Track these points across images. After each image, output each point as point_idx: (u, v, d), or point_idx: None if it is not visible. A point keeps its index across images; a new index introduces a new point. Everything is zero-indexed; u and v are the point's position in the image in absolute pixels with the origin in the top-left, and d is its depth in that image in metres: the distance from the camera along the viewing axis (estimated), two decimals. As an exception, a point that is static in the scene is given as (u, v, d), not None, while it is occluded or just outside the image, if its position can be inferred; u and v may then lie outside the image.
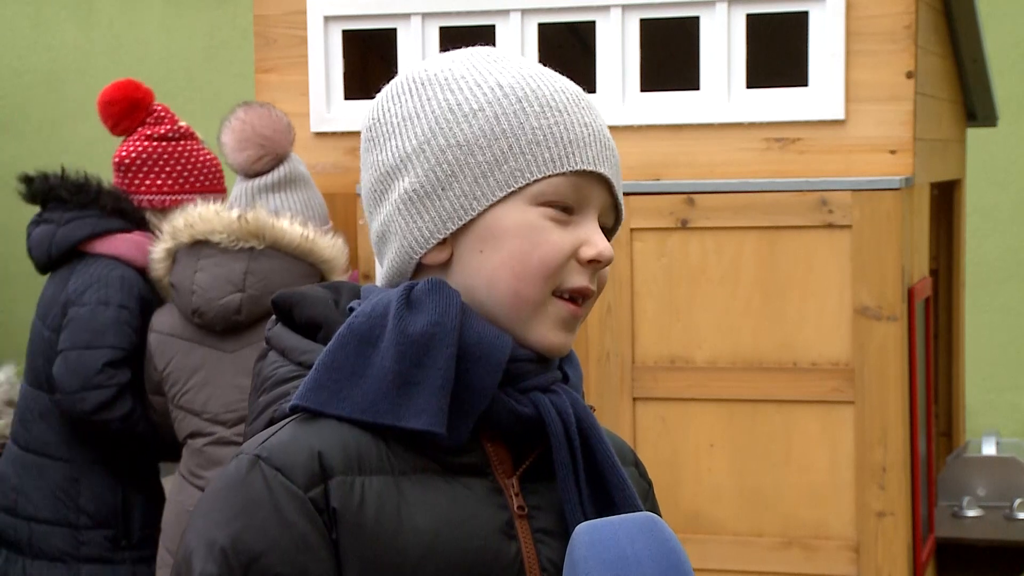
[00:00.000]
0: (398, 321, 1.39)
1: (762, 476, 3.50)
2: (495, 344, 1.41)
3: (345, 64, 3.79)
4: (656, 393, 3.55)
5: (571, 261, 1.44)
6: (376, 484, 1.38)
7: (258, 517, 1.34)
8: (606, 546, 1.34)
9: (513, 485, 1.44)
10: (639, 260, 3.56)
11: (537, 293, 1.43)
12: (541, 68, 1.50)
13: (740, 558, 3.52)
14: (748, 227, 3.49)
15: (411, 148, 1.45)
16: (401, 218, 1.46)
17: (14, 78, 8.01)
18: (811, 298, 3.46)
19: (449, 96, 1.45)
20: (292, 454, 1.37)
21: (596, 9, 3.64)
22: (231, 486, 1.37)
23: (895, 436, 3.42)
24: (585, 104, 1.48)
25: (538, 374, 1.44)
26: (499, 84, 1.45)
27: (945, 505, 4.25)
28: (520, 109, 1.44)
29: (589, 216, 1.45)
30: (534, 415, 1.43)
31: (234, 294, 3.52)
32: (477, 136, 1.43)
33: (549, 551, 1.43)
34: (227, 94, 7.83)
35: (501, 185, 1.43)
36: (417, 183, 1.45)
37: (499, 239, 1.43)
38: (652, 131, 3.60)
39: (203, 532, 1.36)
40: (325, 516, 1.35)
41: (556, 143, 1.43)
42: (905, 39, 3.45)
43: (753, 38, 3.59)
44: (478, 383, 1.40)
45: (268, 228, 3.52)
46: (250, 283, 3.52)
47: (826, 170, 3.49)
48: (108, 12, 7.92)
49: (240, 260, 3.53)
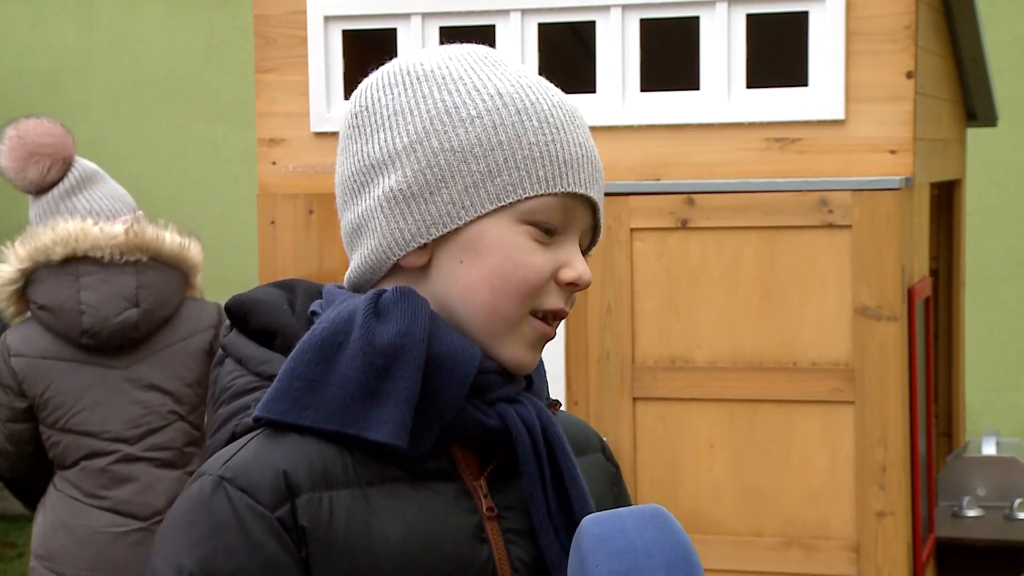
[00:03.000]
0: (365, 331, 1.36)
1: (762, 476, 3.51)
2: (463, 356, 1.38)
3: (345, 64, 3.80)
4: (656, 393, 3.55)
5: (550, 282, 1.42)
6: (344, 498, 1.35)
7: (225, 540, 1.31)
8: (614, 538, 1.33)
9: (482, 487, 1.43)
10: (639, 260, 3.56)
11: (514, 312, 1.41)
12: (539, 79, 1.46)
13: (740, 558, 3.52)
14: (748, 227, 3.49)
15: (401, 145, 1.41)
16: (383, 216, 1.42)
17: (14, 78, 8.01)
18: (811, 298, 3.46)
19: (446, 97, 1.41)
20: (257, 474, 1.33)
21: (596, 9, 3.63)
22: (196, 509, 1.34)
23: (895, 436, 3.42)
24: (580, 123, 1.45)
25: (503, 385, 1.43)
26: (499, 92, 1.41)
27: (945, 505, 4.25)
28: (519, 121, 1.40)
29: (571, 238, 1.43)
30: (500, 427, 1.41)
31: (130, 310, 3.48)
32: (473, 144, 1.40)
33: (519, 551, 1.42)
34: (227, 94, 7.84)
35: (492, 198, 1.40)
36: (405, 183, 1.41)
37: (481, 253, 1.40)
38: (652, 131, 3.60)
39: (170, 557, 1.33)
40: (294, 535, 1.33)
41: (552, 162, 1.40)
42: (905, 39, 3.45)
43: (753, 38, 3.59)
44: (445, 394, 1.38)
45: (153, 240, 3.50)
46: (143, 297, 3.50)
47: (826, 170, 3.49)
48: (108, 12, 7.92)
49: (128, 275, 3.49)
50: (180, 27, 7.84)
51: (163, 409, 3.55)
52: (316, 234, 3.79)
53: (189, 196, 8.08)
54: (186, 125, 7.95)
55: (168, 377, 3.56)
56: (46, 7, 7.99)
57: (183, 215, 8.08)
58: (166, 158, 8.04)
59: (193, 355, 3.59)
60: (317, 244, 3.79)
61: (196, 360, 3.59)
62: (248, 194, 4.54)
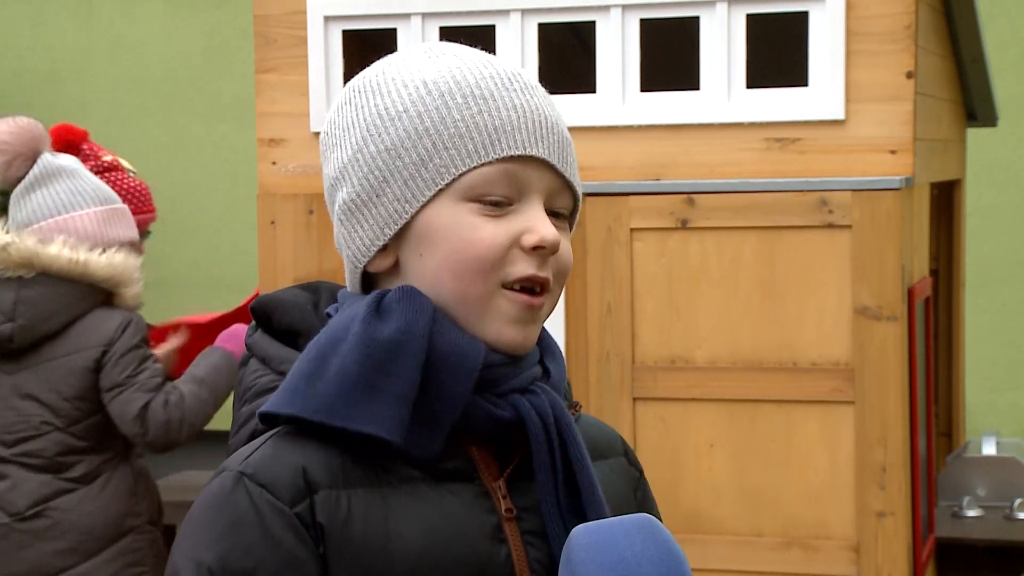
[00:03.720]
0: (366, 326, 1.36)
1: (762, 476, 3.50)
2: (467, 352, 1.38)
3: (345, 64, 3.79)
4: (656, 393, 3.55)
5: (513, 251, 1.40)
6: (362, 497, 1.36)
7: (245, 536, 1.32)
8: (604, 548, 1.33)
9: (500, 488, 1.42)
10: (639, 260, 3.56)
11: (479, 290, 1.40)
12: (476, 57, 1.45)
13: (740, 558, 3.52)
14: (748, 227, 3.49)
15: (347, 158, 1.43)
16: (344, 229, 1.45)
17: (14, 78, 8.01)
18: (811, 298, 3.46)
19: (378, 101, 1.43)
20: (276, 470, 1.35)
21: (596, 9, 3.63)
22: (216, 505, 1.35)
23: (895, 436, 3.42)
24: (519, 86, 1.43)
25: (515, 375, 1.42)
26: (424, 82, 1.42)
27: (945, 505, 4.25)
28: (443, 104, 1.40)
29: (531, 202, 1.41)
30: (514, 417, 1.41)
31: (4, 324, 3.52)
32: (403, 138, 1.40)
33: (537, 552, 1.42)
34: (227, 94, 7.83)
35: (428, 184, 1.40)
36: (353, 193, 1.43)
37: (434, 241, 1.40)
38: (652, 131, 3.60)
39: (190, 553, 1.34)
40: (312, 531, 1.34)
41: (479, 132, 1.39)
42: (905, 39, 3.45)
43: (753, 38, 3.58)
44: (449, 392, 1.38)
45: (35, 257, 3.52)
46: (20, 312, 3.53)
47: (826, 170, 3.49)
48: (108, 12, 7.92)
49: (9, 289, 3.53)
50: (180, 27, 7.84)
51: (36, 419, 3.59)
52: (316, 234, 3.79)
53: (189, 196, 8.07)
54: (186, 125, 7.95)
55: (45, 390, 3.59)
56: (46, 7, 7.99)
57: (183, 215, 8.10)
58: (166, 158, 8.04)
59: (74, 371, 3.61)
60: (317, 244, 3.79)
61: (77, 376, 3.61)
62: (248, 194, 4.53)
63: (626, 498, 1.56)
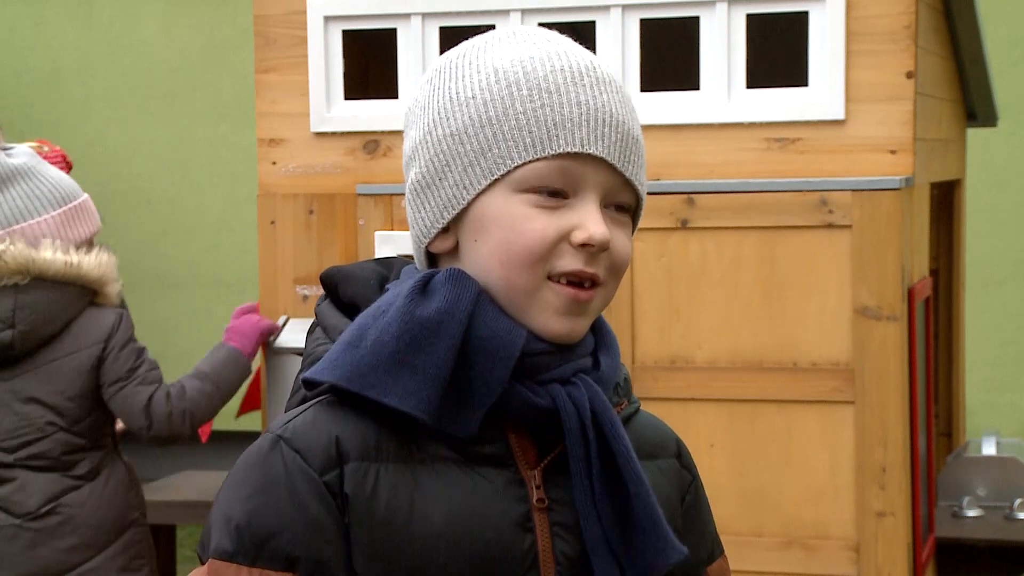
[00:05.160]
0: (408, 302, 1.40)
1: (762, 476, 3.51)
2: (507, 338, 1.40)
3: (345, 64, 3.79)
4: (656, 393, 3.55)
5: (562, 245, 1.42)
6: (391, 472, 1.39)
7: (274, 497, 1.37)
8: None
9: (535, 477, 1.43)
10: (639, 260, 3.56)
11: (526, 280, 1.42)
12: (555, 47, 1.46)
13: (740, 558, 3.52)
14: (748, 227, 3.49)
15: (419, 138, 1.47)
16: (411, 208, 1.49)
17: (14, 78, 8.01)
18: (811, 298, 3.46)
19: (452, 84, 1.45)
20: (312, 437, 1.39)
21: (596, 9, 3.64)
22: (253, 464, 1.40)
23: (895, 436, 3.42)
24: (590, 80, 1.46)
25: (558, 365, 1.44)
26: (495, 69, 1.43)
27: (945, 505, 4.25)
28: (508, 94, 1.42)
29: (586, 198, 1.43)
30: (551, 406, 1.42)
31: (5, 331, 3.53)
32: (467, 124, 1.43)
33: (564, 545, 1.42)
34: (227, 94, 7.84)
35: (485, 173, 1.42)
36: (420, 173, 1.46)
37: (487, 228, 1.43)
38: (652, 131, 3.60)
39: (223, 507, 1.40)
40: (339, 500, 1.37)
41: (539, 127, 1.41)
42: (905, 39, 3.45)
43: (753, 38, 3.59)
44: (485, 376, 1.40)
45: (30, 263, 3.52)
46: (20, 318, 3.53)
47: (826, 170, 3.49)
48: (108, 12, 7.93)
49: (7, 296, 3.52)
50: (180, 27, 7.84)
51: (41, 421, 3.59)
52: (316, 234, 3.79)
53: (189, 196, 8.08)
54: (186, 125, 7.96)
55: (49, 392, 3.60)
56: (46, 7, 7.99)
57: (183, 215, 8.10)
58: (166, 158, 8.04)
59: (76, 370, 3.61)
60: (317, 244, 3.79)
61: (79, 375, 3.61)
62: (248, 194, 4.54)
63: (670, 501, 1.54)
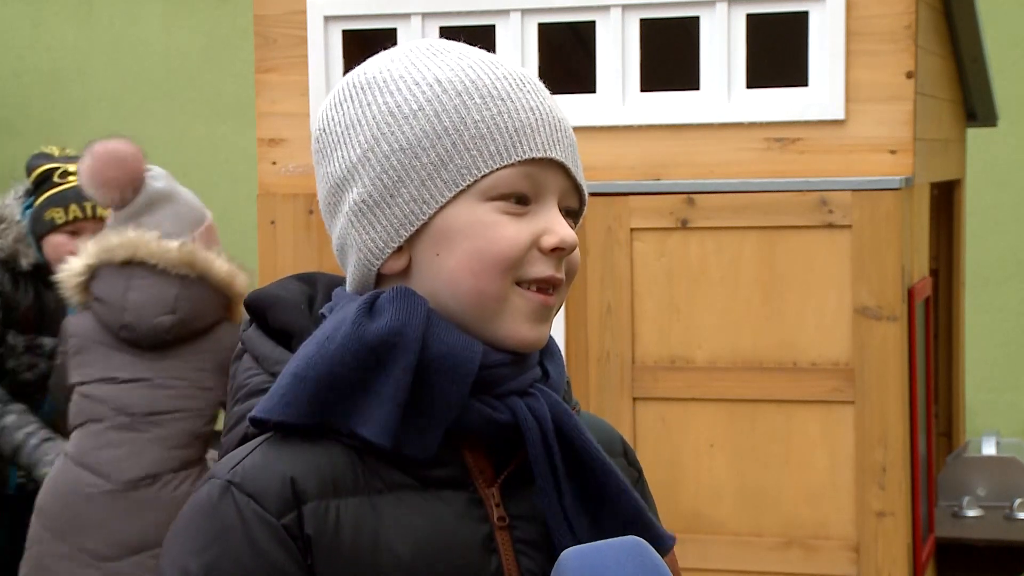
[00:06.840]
0: (356, 327, 1.35)
1: (762, 476, 3.50)
2: (464, 354, 1.36)
3: (345, 64, 3.79)
4: (656, 393, 3.55)
5: (532, 251, 1.39)
6: (352, 507, 1.35)
7: (231, 545, 1.31)
8: (595, 573, 1.32)
9: (494, 495, 1.40)
10: (639, 260, 3.56)
11: (498, 288, 1.38)
12: (483, 56, 1.44)
13: (740, 558, 3.52)
14: (748, 227, 3.49)
15: (356, 157, 1.41)
16: (355, 230, 1.42)
17: (14, 78, 8.01)
18: (811, 298, 3.46)
19: (388, 99, 1.40)
20: (264, 480, 1.33)
21: (596, 9, 3.63)
22: (203, 513, 1.34)
23: (895, 436, 3.42)
24: (531, 88, 1.42)
25: (515, 377, 1.40)
26: (437, 80, 1.40)
27: (945, 505, 4.25)
28: (460, 103, 1.39)
29: (548, 203, 1.41)
30: (511, 421, 1.39)
31: (165, 316, 3.76)
32: (419, 137, 1.38)
33: (530, 562, 1.40)
34: (227, 94, 7.84)
35: (449, 185, 1.38)
36: (366, 193, 1.41)
37: (453, 240, 1.38)
38: (652, 131, 3.60)
39: (177, 560, 1.34)
40: (299, 543, 1.32)
41: (501, 134, 1.38)
42: (905, 39, 3.45)
43: (753, 38, 3.58)
44: (445, 395, 1.36)
45: (201, 260, 3.80)
46: (180, 306, 3.78)
47: (826, 170, 3.49)
48: (108, 12, 7.92)
49: (173, 285, 3.78)
50: (180, 27, 7.84)
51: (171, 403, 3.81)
52: (316, 234, 3.79)
53: (189, 196, 8.06)
54: (186, 125, 7.95)
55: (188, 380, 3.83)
56: (46, 7, 7.99)
57: (183, 215, 8.09)
58: (166, 158, 8.03)
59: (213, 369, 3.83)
60: (317, 244, 3.79)
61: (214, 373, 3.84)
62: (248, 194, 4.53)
63: None
